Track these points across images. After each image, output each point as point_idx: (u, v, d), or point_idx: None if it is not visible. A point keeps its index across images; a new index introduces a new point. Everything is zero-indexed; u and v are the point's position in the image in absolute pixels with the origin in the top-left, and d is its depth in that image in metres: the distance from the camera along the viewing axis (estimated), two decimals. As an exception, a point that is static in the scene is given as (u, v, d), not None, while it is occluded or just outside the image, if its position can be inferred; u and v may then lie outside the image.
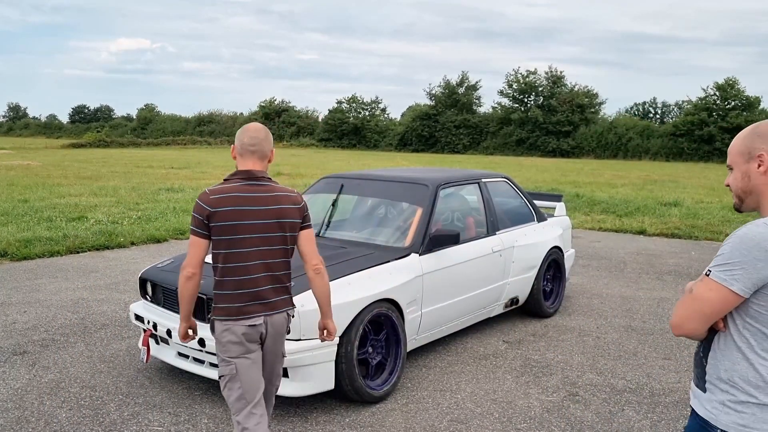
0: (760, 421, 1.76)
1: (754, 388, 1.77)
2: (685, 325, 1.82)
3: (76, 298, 6.69)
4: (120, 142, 54.17)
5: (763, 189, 1.86)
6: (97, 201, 14.16)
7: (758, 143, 1.86)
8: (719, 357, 1.84)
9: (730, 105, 47.76)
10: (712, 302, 1.77)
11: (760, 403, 1.76)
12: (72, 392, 4.37)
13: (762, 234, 1.73)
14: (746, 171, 1.89)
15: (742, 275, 1.73)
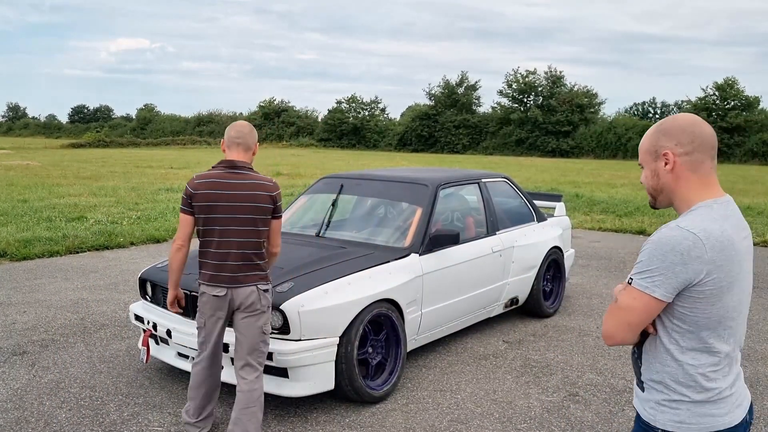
0: (695, 416, 1.80)
1: (685, 387, 1.80)
2: (615, 335, 1.83)
3: (75, 298, 6.69)
4: (119, 142, 54.14)
5: (672, 187, 1.86)
6: (96, 201, 14.16)
7: (663, 141, 1.85)
8: (650, 359, 1.87)
9: (730, 105, 47.80)
10: (636, 311, 1.78)
11: (693, 401, 1.80)
12: (72, 392, 4.37)
13: (675, 238, 1.74)
14: (655, 169, 1.88)
15: (663, 281, 1.74)
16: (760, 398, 4.47)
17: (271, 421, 4.00)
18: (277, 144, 61.00)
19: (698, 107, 48.15)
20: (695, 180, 1.84)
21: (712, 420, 1.80)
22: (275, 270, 4.29)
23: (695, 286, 1.74)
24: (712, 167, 1.85)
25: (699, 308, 1.76)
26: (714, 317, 1.77)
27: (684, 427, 1.80)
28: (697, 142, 1.83)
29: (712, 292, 1.75)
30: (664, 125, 1.88)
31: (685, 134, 1.83)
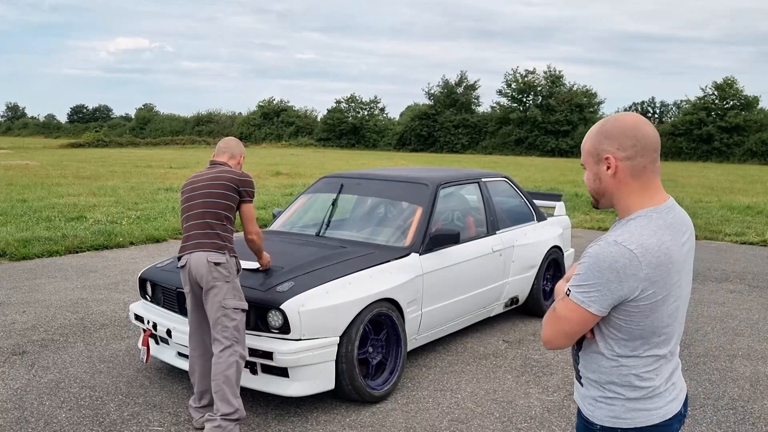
0: (629, 411, 1.84)
1: (620, 387, 1.84)
2: (554, 342, 1.86)
3: (75, 298, 6.68)
4: (119, 142, 54.09)
5: (613, 191, 1.84)
6: (96, 201, 14.14)
7: (605, 144, 1.81)
8: (588, 360, 1.90)
9: (729, 104, 47.82)
10: (572, 322, 1.80)
11: (627, 398, 1.84)
12: (71, 392, 4.36)
13: (612, 255, 1.73)
14: (597, 173, 1.85)
15: (598, 297, 1.74)
16: (760, 398, 4.47)
17: (271, 421, 4.00)
18: (276, 144, 60.96)
19: (697, 107, 48.18)
20: (636, 186, 1.81)
21: (647, 414, 1.84)
22: (276, 269, 4.30)
23: (630, 301, 1.75)
24: (655, 171, 1.83)
25: (634, 320, 1.77)
26: (648, 328, 1.79)
27: (619, 421, 1.85)
28: (640, 146, 1.79)
29: (646, 306, 1.76)
30: (606, 126, 1.83)
31: (627, 138, 1.79)
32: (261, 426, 3.93)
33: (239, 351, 3.69)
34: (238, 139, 4.95)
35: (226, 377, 3.63)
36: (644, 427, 1.84)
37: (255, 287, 4.09)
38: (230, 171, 3.90)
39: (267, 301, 3.96)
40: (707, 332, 5.92)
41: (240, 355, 3.69)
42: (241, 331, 3.72)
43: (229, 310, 3.67)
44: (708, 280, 8.04)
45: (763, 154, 43.99)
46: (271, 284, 4.09)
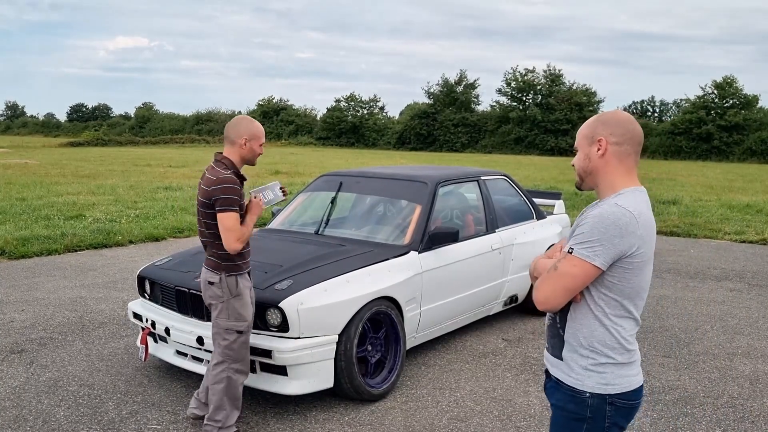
0: (618, 377, 2.04)
1: (611, 350, 2.03)
2: (551, 299, 2.01)
3: (74, 296, 6.67)
4: (118, 141, 54.08)
5: (599, 171, 2.09)
6: (95, 199, 14.13)
7: (600, 129, 2.08)
8: (577, 326, 2.07)
9: (729, 103, 47.82)
10: (576, 277, 1.97)
11: (617, 362, 2.04)
12: (70, 391, 4.35)
13: (615, 213, 1.96)
14: (588, 153, 2.11)
15: (602, 251, 1.95)
16: (760, 396, 4.47)
17: (270, 419, 3.99)
18: (275, 143, 60.92)
19: (697, 106, 48.17)
20: (621, 168, 2.07)
21: (630, 380, 2.05)
22: (274, 267, 4.29)
23: (627, 257, 1.97)
24: (636, 161, 2.09)
25: (626, 278, 1.99)
26: (636, 287, 2.02)
27: (609, 387, 2.03)
28: (628, 135, 2.07)
29: (638, 264, 1.99)
30: (604, 116, 2.12)
31: (619, 127, 2.07)
32: (260, 424, 3.92)
33: (232, 368, 3.61)
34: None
35: (215, 390, 3.63)
36: (628, 392, 2.05)
37: (253, 285, 4.07)
38: (209, 176, 3.50)
39: (266, 299, 3.95)
40: (707, 330, 5.91)
41: (234, 370, 3.61)
42: (237, 350, 3.60)
43: (222, 330, 3.57)
44: (707, 279, 8.04)
45: (762, 153, 43.98)
46: (270, 282, 4.08)
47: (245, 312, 3.60)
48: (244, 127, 3.54)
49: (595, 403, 2.04)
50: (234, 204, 3.42)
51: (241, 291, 3.59)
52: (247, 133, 3.52)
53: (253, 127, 3.56)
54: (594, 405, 2.04)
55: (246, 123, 3.56)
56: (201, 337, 4.10)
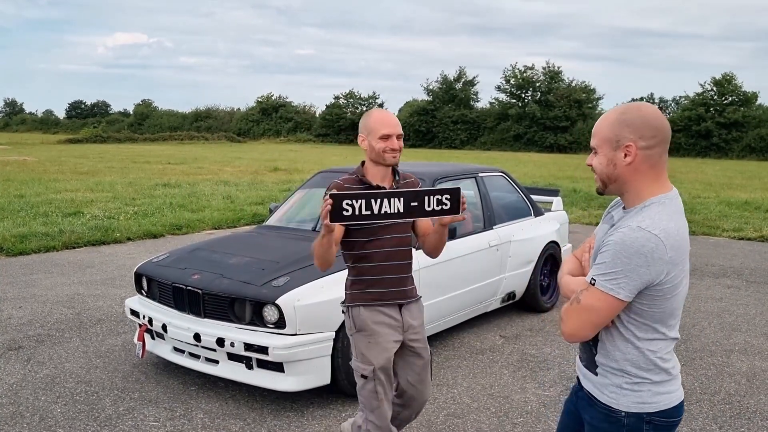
0: (655, 395, 1.90)
1: (645, 371, 1.89)
2: (578, 334, 1.89)
3: (71, 293, 6.67)
4: (116, 138, 54.03)
5: (627, 179, 1.87)
6: (93, 196, 14.12)
7: (626, 132, 1.83)
8: (609, 348, 1.93)
9: (728, 100, 47.86)
10: (601, 312, 1.82)
11: (653, 382, 1.90)
12: (67, 387, 4.35)
13: (639, 240, 1.76)
14: (612, 159, 1.87)
15: (627, 283, 1.78)
16: (756, 393, 4.47)
17: (267, 416, 3.99)
18: (274, 139, 60.92)
19: (696, 103, 48.21)
20: (651, 174, 1.86)
21: (669, 396, 1.91)
22: (271, 264, 4.29)
23: (656, 285, 1.79)
24: (665, 161, 1.88)
25: (656, 304, 1.83)
26: (667, 310, 1.85)
27: (645, 406, 1.89)
28: (659, 136, 1.84)
29: (668, 289, 1.81)
30: (629, 115, 1.85)
31: (648, 128, 1.83)
32: (257, 421, 3.92)
33: (369, 420, 2.94)
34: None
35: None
36: (667, 409, 1.91)
37: (250, 282, 4.08)
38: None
39: (263, 296, 3.95)
40: (704, 327, 5.92)
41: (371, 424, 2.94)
42: (366, 398, 2.92)
43: (354, 370, 2.98)
44: (705, 276, 8.04)
45: (761, 150, 44.01)
46: (267, 279, 4.08)
47: (371, 354, 2.87)
48: (361, 122, 2.95)
49: (632, 423, 1.91)
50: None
51: (368, 327, 2.88)
52: (363, 129, 2.92)
53: (369, 119, 2.91)
54: (630, 424, 1.91)
55: (364, 117, 2.95)
56: (198, 333, 4.10)
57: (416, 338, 3.01)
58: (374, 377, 2.88)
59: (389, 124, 2.87)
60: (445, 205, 2.56)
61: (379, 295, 2.91)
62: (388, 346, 2.89)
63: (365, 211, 2.49)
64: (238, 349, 3.96)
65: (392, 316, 2.92)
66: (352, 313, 2.91)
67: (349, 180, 2.90)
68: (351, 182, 2.89)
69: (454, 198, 2.56)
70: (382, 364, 2.88)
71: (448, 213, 2.58)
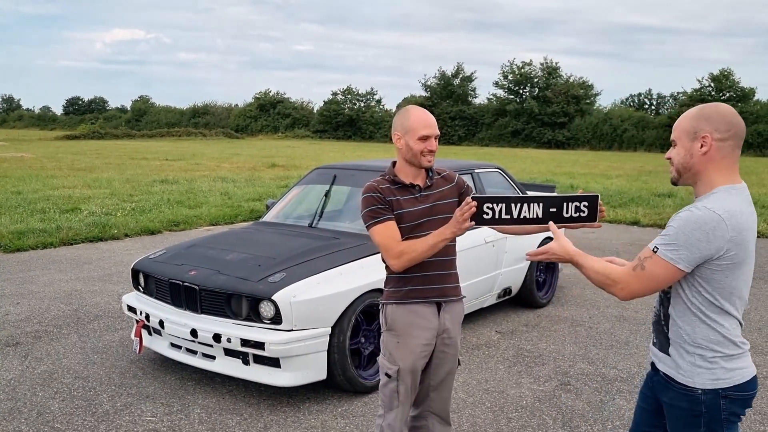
0: (728, 371, 2.03)
1: (716, 344, 2.03)
2: (638, 294, 2.05)
3: (69, 289, 6.68)
4: (114, 134, 53.97)
5: (700, 168, 2.05)
6: (90, 193, 14.13)
7: (704, 125, 2.02)
8: (680, 324, 2.08)
9: (725, 96, 47.87)
10: (660, 278, 2.00)
11: (725, 355, 2.03)
12: (65, 383, 4.37)
13: (702, 218, 1.93)
14: (689, 149, 2.06)
15: (687, 255, 1.95)
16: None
17: (264, 411, 4.01)
18: (272, 136, 60.88)
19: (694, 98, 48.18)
20: (723, 165, 2.04)
21: (741, 372, 2.05)
22: (268, 260, 4.30)
23: (714, 260, 1.96)
24: (737, 156, 2.05)
25: (716, 279, 1.99)
26: (728, 287, 2.00)
27: (720, 382, 2.03)
28: (733, 131, 2.03)
29: (727, 266, 1.97)
30: (707, 111, 2.05)
31: (724, 122, 2.02)
32: (253, 416, 3.95)
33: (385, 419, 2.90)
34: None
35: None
36: (741, 383, 2.04)
37: (247, 278, 4.10)
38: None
39: (259, 292, 3.97)
40: (699, 323, 5.94)
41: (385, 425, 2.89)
42: (388, 397, 2.87)
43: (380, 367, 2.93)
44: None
45: (758, 146, 44.12)
46: (263, 275, 4.10)
47: (398, 355, 2.81)
48: (398, 120, 2.83)
49: (709, 399, 2.04)
50: (378, 215, 2.74)
51: (398, 327, 2.82)
52: (399, 128, 2.80)
53: (407, 118, 2.80)
54: (708, 401, 2.04)
55: (400, 115, 2.84)
56: (195, 329, 4.12)
57: (449, 343, 2.92)
58: (398, 378, 2.83)
59: (429, 124, 2.77)
60: (582, 212, 2.49)
61: (418, 292, 2.81)
62: (417, 349, 2.82)
63: (505, 215, 2.46)
64: (235, 344, 3.99)
65: (427, 317, 2.83)
66: (386, 311, 2.85)
67: (381, 182, 2.82)
68: (381, 182, 2.82)
69: (592, 205, 2.49)
70: (408, 366, 2.82)
71: (585, 220, 2.49)
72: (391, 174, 2.85)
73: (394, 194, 2.78)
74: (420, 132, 2.75)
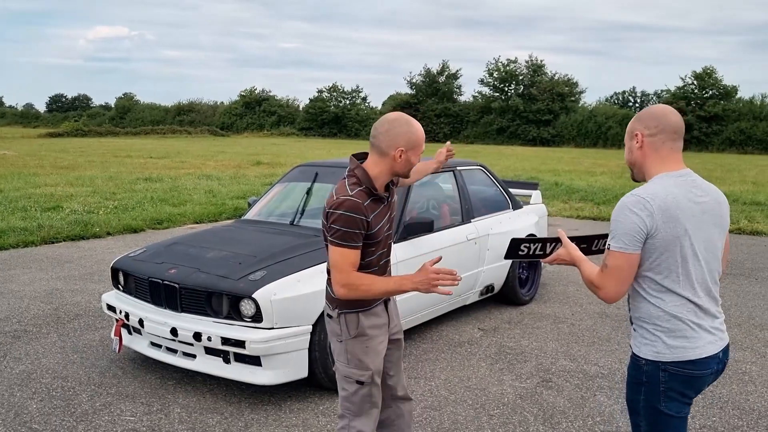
0: (669, 347, 2.22)
1: (657, 319, 2.24)
2: (620, 291, 2.22)
3: (49, 288, 6.62)
4: (98, 132, 53.50)
5: (640, 162, 2.32)
6: (73, 191, 14.00)
7: (636, 124, 2.32)
8: (634, 304, 2.33)
9: (708, 94, 48.23)
10: (623, 268, 2.19)
11: (667, 330, 2.23)
12: (43, 383, 4.33)
13: (627, 202, 2.18)
14: (630, 147, 2.36)
15: (628, 238, 2.16)
16: (728, 383, 4.54)
17: (245, 409, 4.00)
18: (258, 133, 60.64)
19: (677, 96, 48.52)
20: (656, 157, 2.28)
21: (685, 350, 2.22)
22: (249, 258, 4.28)
23: (650, 238, 2.16)
24: (674, 148, 2.27)
25: (652, 257, 2.19)
26: (663, 265, 2.19)
27: (660, 355, 2.23)
28: (660, 126, 2.26)
29: (659, 244, 2.16)
30: (641, 112, 2.35)
31: (652, 120, 2.28)
32: (234, 415, 3.93)
33: (354, 426, 2.83)
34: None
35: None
36: (682, 361, 2.22)
37: (227, 276, 4.07)
38: (332, 191, 2.70)
39: (239, 290, 3.95)
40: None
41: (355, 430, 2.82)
42: (358, 404, 2.82)
43: (341, 377, 2.83)
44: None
45: (741, 143, 44.47)
46: (244, 273, 4.08)
47: (369, 359, 2.79)
48: (402, 133, 2.64)
49: (650, 370, 2.26)
50: (352, 240, 2.62)
51: (367, 332, 2.78)
52: (404, 143, 2.65)
53: (413, 132, 2.66)
54: (649, 371, 2.26)
55: (403, 128, 2.66)
56: (175, 328, 4.09)
57: (396, 330, 3.02)
58: (371, 381, 2.81)
59: (424, 139, 2.73)
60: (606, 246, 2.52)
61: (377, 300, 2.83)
62: (381, 348, 2.85)
63: (538, 252, 2.57)
64: (215, 343, 3.97)
65: (382, 316, 2.87)
66: (347, 319, 2.76)
67: (360, 195, 2.65)
68: (363, 197, 2.65)
69: None
70: (377, 367, 2.83)
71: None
72: (368, 184, 2.69)
73: (372, 211, 2.68)
74: (422, 147, 2.71)
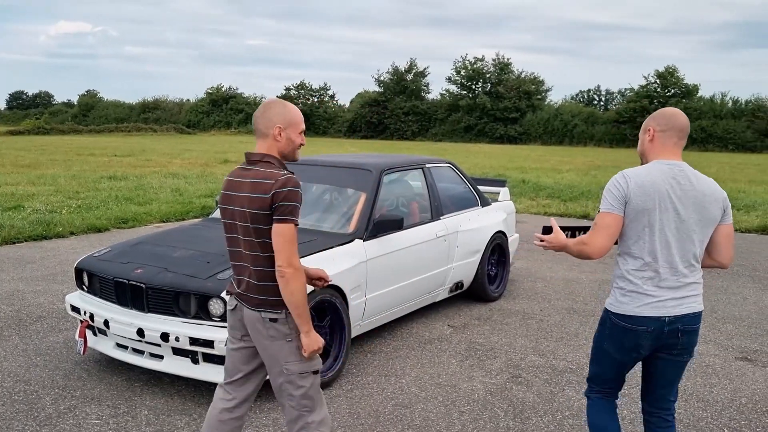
0: (618, 302, 2.75)
1: (618, 278, 2.77)
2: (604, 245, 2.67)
3: (11, 289, 6.46)
4: (60, 129, 52.45)
5: (648, 152, 2.78)
6: (35, 190, 13.70)
7: (650, 121, 2.79)
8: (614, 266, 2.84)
9: (670, 92, 49.17)
10: (610, 225, 2.68)
11: (621, 289, 2.74)
12: (5, 387, 4.22)
13: (614, 178, 2.70)
14: (642, 140, 2.81)
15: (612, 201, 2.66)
16: (693, 376, 4.61)
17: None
18: (225, 131, 60.06)
19: (640, 95, 49.38)
20: (659, 148, 2.73)
21: (626, 307, 2.71)
22: (217, 257, 4.23)
23: (626, 207, 2.64)
24: (677, 144, 2.72)
25: (625, 224, 2.68)
26: (629, 233, 2.69)
27: (612, 306, 2.78)
28: (670, 125, 2.73)
29: (631, 211, 2.65)
30: (655, 113, 2.81)
31: (664, 119, 2.74)
32: (203, 416, 3.87)
33: (314, 421, 2.79)
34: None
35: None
36: (622, 314, 2.71)
37: (195, 275, 4.02)
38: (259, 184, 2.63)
39: (208, 289, 3.90)
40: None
41: (318, 424, 2.80)
42: (314, 396, 2.80)
43: (294, 377, 2.75)
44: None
45: (702, 141, 45.46)
46: (212, 272, 4.03)
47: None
48: (276, 112, 2.73)
49: (605, 315, 2.82)
50: (299, 215, 2.63)
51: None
52: (280, 120, 2.71)
53: (288, 110, 2.75)
54: (604, 316, 2.83)
55: (277, 108, 2.74)
56: (141, 329, 4.02)
57: None
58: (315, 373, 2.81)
59: (302, 119, 2.82)
60: None
61: None
62: None
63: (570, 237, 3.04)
64: (183, 343, 3.91)
65: None
66: (289, 317, 2.70)
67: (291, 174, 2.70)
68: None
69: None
70: None
71: None
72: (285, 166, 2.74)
73: None
74: (301, 125, 2.79)
